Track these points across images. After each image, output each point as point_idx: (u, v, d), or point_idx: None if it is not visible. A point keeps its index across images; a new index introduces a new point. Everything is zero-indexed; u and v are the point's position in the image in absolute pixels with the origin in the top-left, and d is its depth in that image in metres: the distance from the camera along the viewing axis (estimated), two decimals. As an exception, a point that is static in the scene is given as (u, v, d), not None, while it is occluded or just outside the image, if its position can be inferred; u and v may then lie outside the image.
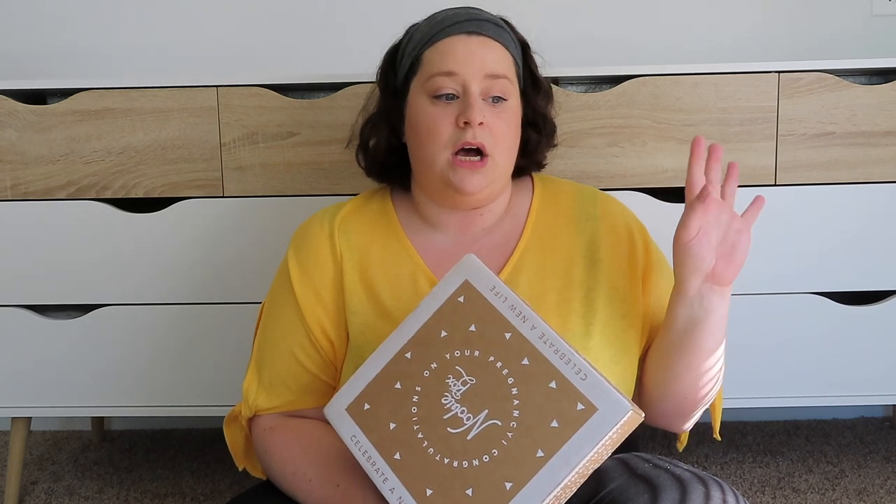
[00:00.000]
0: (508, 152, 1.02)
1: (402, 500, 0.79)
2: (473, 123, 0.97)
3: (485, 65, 0.99)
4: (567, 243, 1.04)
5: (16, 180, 1.43)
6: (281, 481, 0.97)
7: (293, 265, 1.05)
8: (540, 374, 0.79)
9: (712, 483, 0.87)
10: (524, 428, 0.77)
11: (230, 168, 1.42)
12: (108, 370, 1.47)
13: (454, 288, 0.87)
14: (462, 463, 0.78)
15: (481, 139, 0.97)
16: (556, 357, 0.79)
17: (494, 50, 1.01)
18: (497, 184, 1.02)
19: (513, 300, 0.84)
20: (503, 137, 1.00)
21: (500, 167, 1.01)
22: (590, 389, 0.76)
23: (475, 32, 1.00)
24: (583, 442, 0.74)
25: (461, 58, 0.99)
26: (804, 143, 1.39)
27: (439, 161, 0.99)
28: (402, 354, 0.87)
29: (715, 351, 0.97)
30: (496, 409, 0.79)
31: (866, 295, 1.44)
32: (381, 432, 0.84)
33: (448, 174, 0.99)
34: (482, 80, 0.99)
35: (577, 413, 0.75)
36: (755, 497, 1.52)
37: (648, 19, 1.77)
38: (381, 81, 1.10)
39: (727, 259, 0.92)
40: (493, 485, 0.76)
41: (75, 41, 1.80)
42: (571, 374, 0.77)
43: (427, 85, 1.00)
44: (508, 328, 0.82)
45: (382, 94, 1.10)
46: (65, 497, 1.59)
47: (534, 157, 1.10)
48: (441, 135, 0.98)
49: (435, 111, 0.99)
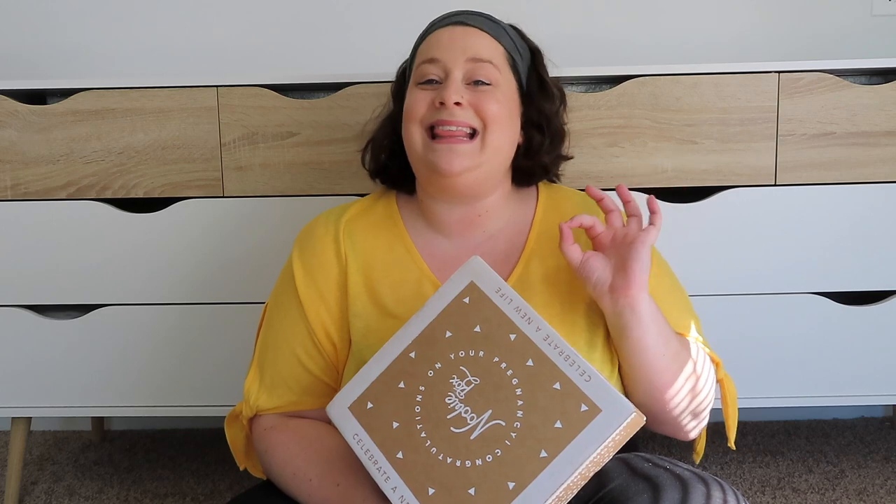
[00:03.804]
0: (503, 137, 1.01)
1: (405, 499, 0.79)
2: (448, 103, 0.97)
3: (467, 50, 1.01)
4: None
5: (16, 180, 1.43)
6: (281, 481, 0.97)
7: (297, 267, 1.05)
8: (544, 376, 0.79)
9: (713, 483, 0.87)
10: (528, 428, 0.77)
11: (230, 168, 1.42)
12: (108, 370, 1.47)
13: (460, 289, 0.88)
14: (465, 462, 0.79)
15: (462, 118, 0.98)
16: (560, 359, 0.79)
17: (479, 38, 1.02)
18: (485, 169, 1.00)
19: (518, 302, 0.85)
20: (495, 118, 0.99)
21: (492, 150, 1.00)
22: (594, 391, 0.76)
23: (461, 23, 1.03)
24: (586, 443, 0.74)
25: (444, 45, 1.02)
26: (804, 143, 1.39)
27: (417, 141, 1.00)
28: (407, 354, 0.87)
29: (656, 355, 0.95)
30: (500, 410, 0.79)
31: (866, 295, 1.44)
32: (384, 431, 0.84)
33: (427, 154, 0.99)
34: (464, 63, 1.00)
35: (581, 414, 0.76)
36: (755, 497, 1.52)
37: (648, 19, 1.77)
38: (394, 88, 1.14)
39: (622, 273, 0.94)
40: (495, 484, 0.76)
41: (75, 41, 1.80)
42: (576, 376, 0.78)
43: (415, 74, 1.03)
44: (513, 329, 0.83)
45: (393, 101, 1.13)
46: (65, 497, 1.59)
47: (538, 159, 1.09)
48: (416, 114, 1.00)
49: (418, 95, 1.01)
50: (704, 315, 1.26)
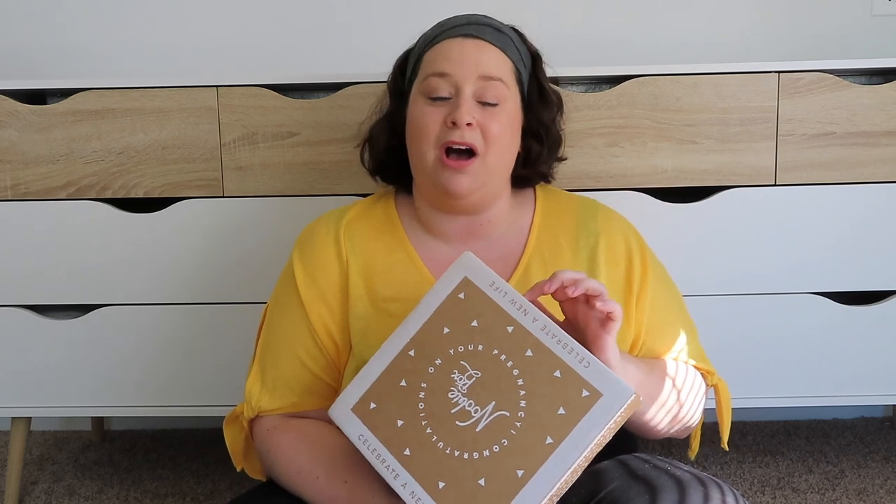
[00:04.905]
0: (502, 154, 1.02)
1: (415, 495, 0.80)
2: (460, 124, 0.98)
3: (478, 66, 1.00)
4: (569, 258, 1.05)
5: (16, 180, 1.43)
6: (286, 480, 0.96)
7: (298, 268, 1.05)
8: (544, 364, 0.80)
9: (711, 484, 0.87)
10: (532, 417, 0.79)
11: (230, 168, 1.42)
12: (108, 370, 1.47)
13: (454, 285, 0.88)
14: (472, 454, 0.80)
15: (470, 139, 0.98)
16: (558, 347, 0.81)
17: (490, 53, 1.01)
18: (489, 187, 1.02)
19: (512, 294, 0.86)
20: (496, 139, 1.00)
21: (492, 168, 1.01)
22: (593, 376, 0.78)
23: (472, 35, 1.01)
24: (590, 426, 0.76)
25: (455, 59, 1.00)
26: (804, 143, 1.39)
27: (429, 160, 1.00)
28: (406, 352, 0.87)
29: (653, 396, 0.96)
30: (503, 401, 0.81)
31: (866, 295, 1.44)
32: (390, 430, 0.85)
33: (437, 175, 1.00)
34: (475, 81, 1.00)
35: (583, 400, 0.77)
36: (755, 497, 1.52)
37: (648, 19, 1.77)
38: (391, 84, 1.12)
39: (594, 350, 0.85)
40: (504, 473, 0.78)
41: (75, 41, 1.80)
42: (575, 363, 0.79)
43: (423, 86, 1.02)
44: (510, 321, 0.84)
45: (390, 97, 1.12)
46: (65, 497, 1.59)
47: (536, 168, 1.10)
48: (430, 133, 1.00)
49: (427, 110, 1.00)
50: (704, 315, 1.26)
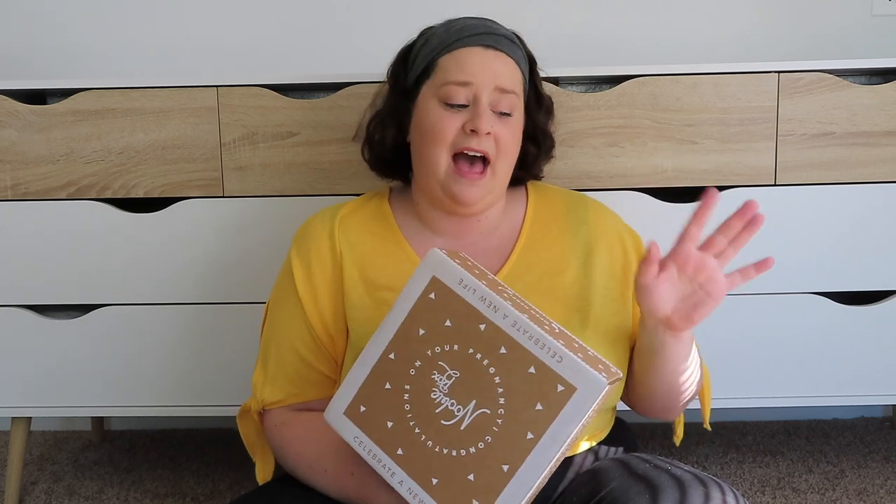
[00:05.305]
0: (509, 163, 1.05)
1: (412, 490, 0.83)
2: (481, 132, 1.00)
3: (497, 78, 1.02)
4: (561, 245, 1.08)
5: (16, 180, 1.43)
6: (297, 472, 1.01)
7: (295, 263, 1.08)
8: (518, 362, 0.81)
9: (712, 484, 0.87)
10: (511, 414, 0.80)
11: (230, 168, 1.42)
12: (107, 370, 1.47)
13: (423, 286, 0.89)
14: (460, 452, 0.82)
15: (486, 147, 1.01)
16: (530, 343, 0.81)
17: (507, 65, 1.04)
18: (494, 193, 1.06)
19: (482, 291, 0.85)
20: (507, 148, 1.03)
21: (500, 177, 1.04)
22: (566, 371, 0.79)
23: (492, 46, 1.03)
24: (568, 420, 0.78)
25: (477, 69, 1.02)
26: (804, 143, 1.39)
27: (441, 163, 1.02)
28: (387, 356, 0.88)
29: (682, 371, 1.00)
30: (483, 399, 0.82)
31: (866, 295, 1.44)
32: (381, 431, 0.87)
33: (449, 182, 1.02)
34: (492, 92, 1.02)
35: (559, 395, 0.78)
36: (755, 497, 1.53)
37: (648, 19, 1.77)
38: (392, 79, 1.13)
39: (683, 315, 0.92)
40: (491, 469, 0.80)
41: (75, 41, 1.80)
42: (548, 359, 0.80)
43: (440, 91, 1.03)
44: (481, 319, 0.84)
45: (391, 92, 1.12)
46: (65, 497, 1.59)
47: (531, 171, 1.14)
48: (446, 137, 1.02)
49: (444, 115, 1.02)
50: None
